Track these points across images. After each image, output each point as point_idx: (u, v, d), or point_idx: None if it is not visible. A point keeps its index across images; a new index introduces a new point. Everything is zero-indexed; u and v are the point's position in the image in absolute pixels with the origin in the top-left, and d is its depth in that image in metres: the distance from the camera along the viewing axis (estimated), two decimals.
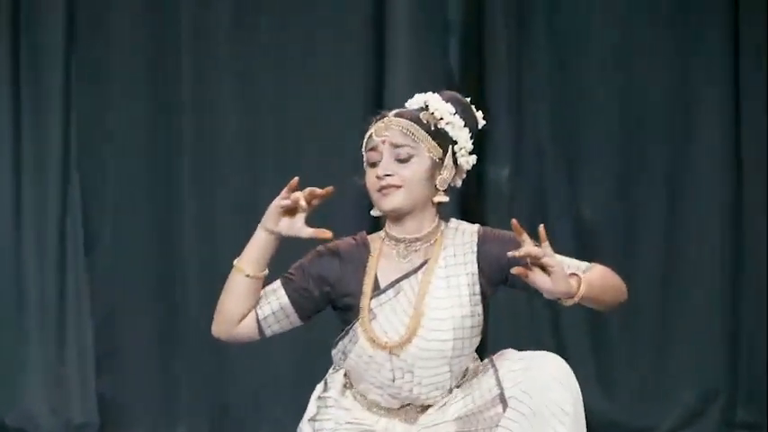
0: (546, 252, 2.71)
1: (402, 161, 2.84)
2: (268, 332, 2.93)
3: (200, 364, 5.38)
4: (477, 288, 2.87)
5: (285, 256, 2.99)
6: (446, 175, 2.89)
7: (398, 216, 2.87)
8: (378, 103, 5.34)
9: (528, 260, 2.71)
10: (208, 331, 5.34)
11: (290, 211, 2.86)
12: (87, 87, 5.44)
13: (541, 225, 2.72)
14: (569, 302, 2.76)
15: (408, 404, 2.90)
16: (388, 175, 2.84)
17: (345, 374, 2.95)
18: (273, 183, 5.30)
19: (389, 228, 2.91)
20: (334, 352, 2.95)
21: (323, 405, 2.94)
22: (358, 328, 2.86)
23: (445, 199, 2.90)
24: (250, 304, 2.89)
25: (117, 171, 5.44)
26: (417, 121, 2.88)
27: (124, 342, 5.44)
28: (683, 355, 5.40)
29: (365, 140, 2.92)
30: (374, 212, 2.92)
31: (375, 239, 2.94)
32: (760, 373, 5.42)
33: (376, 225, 3.08)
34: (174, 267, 5.43)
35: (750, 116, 5.41)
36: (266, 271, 2.88)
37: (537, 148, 5.43)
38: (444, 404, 2.89)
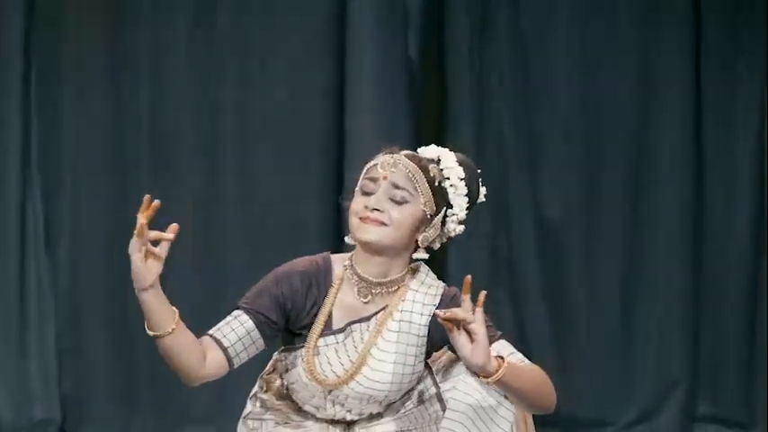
0: (474, 318, 2.62)
1: (396, 203, 2.77)
2: (236, 361, 2.81)
3: (162, 361, 5.36)
4: (424, 349, 2.82)
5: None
6: (430, 233, 2.82)
7: (370, 250, 2.79)
8: (339, 100, 5.35)
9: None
10: None
11: (147, 254, 2.77)
12: (47, 78, 5.41)
13: (483, 292, 2.64)
14: (485, 380, 2.65)
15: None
16: (377, 210, 2.76)
17: (281, 375, 2.93)
18: (233, 180, 5.36)
19: (356, 262, 2.82)
20: (276, 356, 2.93)
21: (261, 405, 2.94)
22: (300, 357, 2.82)
23: (424, 256, 2.83)
24: (194, 349, 2.77)
25: (77, 167, 5.41)
26: (425, 170, 2.80)
27: (87, 339, 5.41)
28: (642, 348, 5.43)
29: (367, 167, 2.83)
30: (348, 240, 2.83)
31: (338, 264, 2.85)
32: (721, 365, 5.45)
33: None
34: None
35: (711, 115, 5.45)
36: (176, 311, 2.74)
37: (499, 146, 5.42)
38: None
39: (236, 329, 2.78)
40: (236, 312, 2.81)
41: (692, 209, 5.44)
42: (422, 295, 2.82)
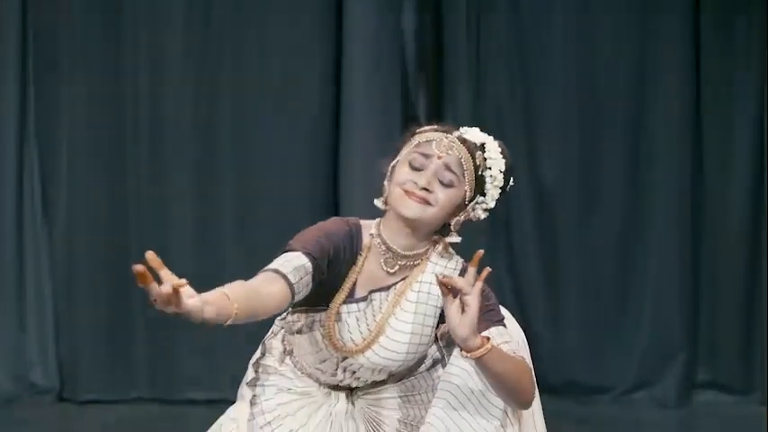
0: (470, 291, 2.60)
1: (444, 185, 2.76)
2: (297, 297, 2.70)
3: (157, 329, 5.37)
4: (437, 320, 2.82)
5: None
6: (462, 217, 2.83)
7: (406, 224, 2.78)
8: (336, 77, 5.34)
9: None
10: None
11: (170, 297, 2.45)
12: (44, 53, 5.40)
13: (486, 269, 2.62)
14: (465, 355, 2.62)
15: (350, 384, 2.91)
16: (425, 189, 2.75)
17: (283, 340, 2.93)
18: (228, 154, 5.35)
19: (384, 231, 2.81)
20: (285, 316, 2.91)
21: (263, 371, 2.93)
22: (319, 320, 2.82)
23: (457, 240, 2.83)
24: (259, 301, 2.58)
25: (74, 135, 5.41)
26: (474, 158, 2.81)
27: (83, 308, 5.42)
28: (641, 316, 5.43)
29: (419, 140, 2.81)
30: (378, 204, 2.82)
31: (366, 231, 2.83)
32: (720, 332, 5.46)
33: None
34: (132, 233, 5.41)
35: (710, 85, 5.43)
36: (223, 291, 2.51)
37: (496, 112, 5.42)
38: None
39: (298, 267, 2.67)
40: (294, 254, 2.69)
41: (691, 174, 5.43)
42: (441, 268, 2.82)
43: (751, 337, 5.42)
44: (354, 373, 2.84)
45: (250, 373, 2.93)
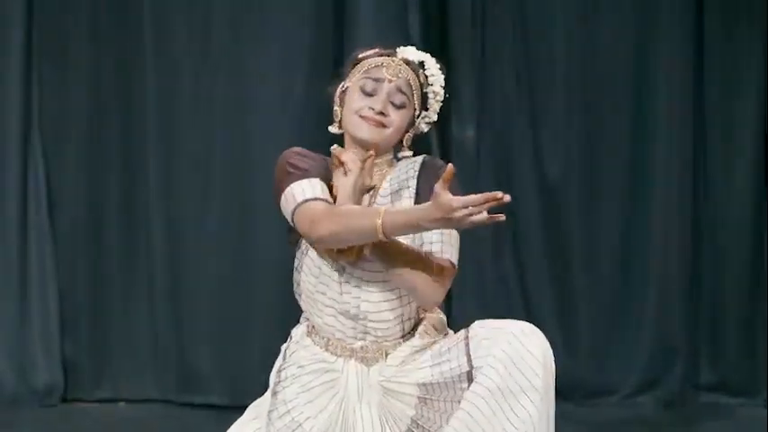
0: (352, 167, 2.91)
1: (396, 106, 2.98)
2: None
3: (164, 326, 5.37)
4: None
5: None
6: (412, 133, 3.06)
7: (364, 146, 2.98)
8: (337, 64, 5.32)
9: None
10: (172, 292, 5.37)
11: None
12: (48, 46, 5.40)
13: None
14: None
15: (362, 339, 2.94)
16: (381, 113, 2.97)
17: (307, 326, 3.01)
18: (227, 143, 5.34)
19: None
20: (295, 264, 3.02)
21: (288, 354, 2.99)
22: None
23: (409, 153, 3.04)
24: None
25: (79, 129, 5.41)
26: (418, 77, 3.03)
27: (89, 304, 5.42)
28: (644, 317, 5.42)
29: (368, 66, 3.02)
30: (332, 129, 3.05)
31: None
32: (724, 333, 5.45)
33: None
34: (138, 229, 5.41)
35: (712, 71, 5.43)
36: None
37: (502, 106, 5.43)
38: (407, 363, 2.92)
39: (325, 193, 2.92)
40: (308, 180, 2.92)
41: (693, 169, 5.42)
42: (404, 163, 3.02)
43: (755, 339, 5.42)
44: (359, 288, 2.91)
45: (279, 360, 3.01)
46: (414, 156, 3.05)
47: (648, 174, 5.42)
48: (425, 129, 3.09)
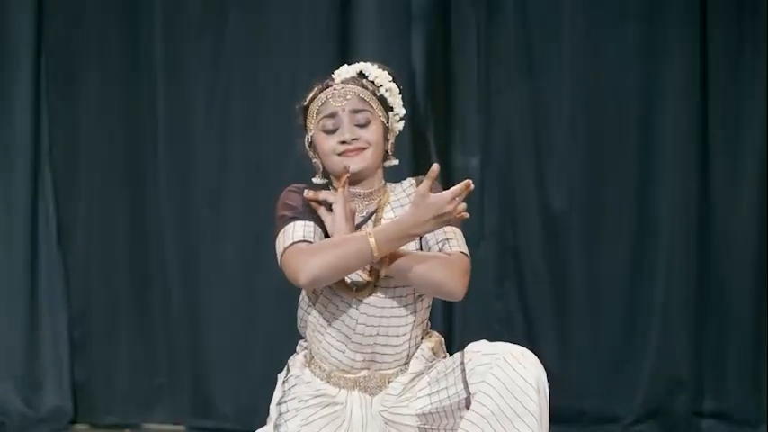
0: (334, 199, 2.92)
1: (362, 126, 2.99)
2: None
3: (175, 352, 5.38)
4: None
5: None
6: (392, 139, 3.07)
7: (359, 177, 2.99)
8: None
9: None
10: (183, 318, 5.37)
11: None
12: (58, 74, 5.43)
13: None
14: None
15: (367, 368, 2.94)
16: (354, 140, 2.97)
17: (305, 355, 3.02)
18: (240, 170, 5.36)
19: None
20: (300, 301, 3.05)
21: (287, 388, 2.99)
22: None
23: (396, 162, 3.08)
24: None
25: (89, 158, 5.44)
26: (366, 87, 3.03)
27: (98, 330, 5.43)
28: (648, 344, 5.42)
29: (318, 107, 3.01)
30: (318, 180, 3.05)
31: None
32: (728, 361, 5.45)
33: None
34: (149, 255, 5.43)
35: (716, 104, 5.43)
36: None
37: (506, 136, 5.45)
38: (406, 391, 2.93)
39: (315, 231, 2.94)
40: (299, 222, 2.93)
41: (698, 198, 5.42)
42: (400, 188, 3.06)
43: (759, 367, 5.41)
44: (376, 317, 2.91)
45: (278, 393, 3.00)
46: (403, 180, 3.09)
47: (653, 204, 5.43)
48: (401, 126, 3.10)
